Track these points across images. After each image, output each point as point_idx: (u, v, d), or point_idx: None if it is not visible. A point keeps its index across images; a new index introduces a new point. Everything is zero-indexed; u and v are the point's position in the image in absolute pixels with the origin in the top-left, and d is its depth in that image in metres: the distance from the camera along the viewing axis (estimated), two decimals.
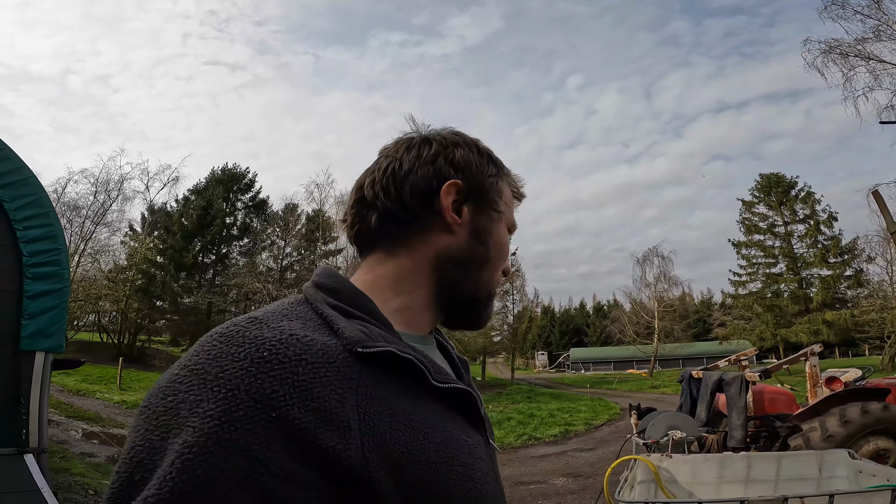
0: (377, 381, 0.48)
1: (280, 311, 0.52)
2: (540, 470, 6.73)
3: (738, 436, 4.81)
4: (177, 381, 0.44)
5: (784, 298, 30.71)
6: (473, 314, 0.66)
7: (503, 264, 0.68)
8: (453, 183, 0.62)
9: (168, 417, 0.41)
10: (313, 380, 0.44)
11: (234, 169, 32.15)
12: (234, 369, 0.43)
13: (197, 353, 0.46)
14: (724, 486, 3.46)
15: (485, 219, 0.65)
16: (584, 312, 62.07)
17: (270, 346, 0.45)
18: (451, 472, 0.49)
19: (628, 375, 30.02)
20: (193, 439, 0.39)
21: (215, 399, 0.41)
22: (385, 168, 0.63)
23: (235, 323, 0.48)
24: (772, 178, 33.13)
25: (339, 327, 0.50)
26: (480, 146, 0.68)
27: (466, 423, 0.56)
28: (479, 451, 0.55)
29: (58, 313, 3.71)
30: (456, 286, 0.63)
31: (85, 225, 23.94)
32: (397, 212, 0.61)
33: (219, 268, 30.13)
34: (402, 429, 0.47)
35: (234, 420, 0.40)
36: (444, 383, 0.54)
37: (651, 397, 16.86)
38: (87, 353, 21.73)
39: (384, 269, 0.62)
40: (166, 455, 0.39)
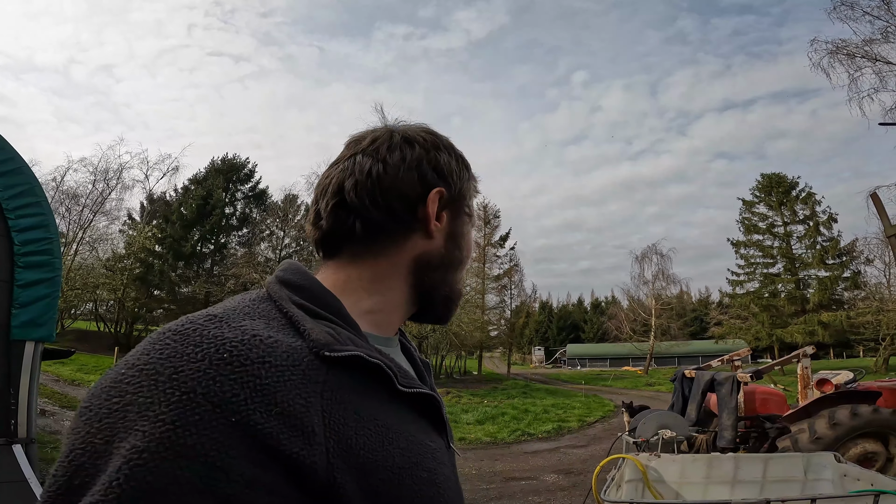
0: (343, 386, 0.47)
1: (241, 309, 0.50)
2: (532, 466, 6.76)
3: (728, 436, 4.84)
4: (123, 380, 0.41)
5: (781, 299, 30.76)
6: (446, 312, 0.68)
7: (469, 262, 0.71)
8: (439, 191, 0.62)
9: (113, 420, 0.39)
10: (277, 383, 0.42)
11: (234, 159, 32.11)
12: (189, 370, 0.41)
13: (147, 352, 0.43)
14: (711, 487, 3.48)
15: (460, 223, 0.66)
16: (581, 308, 62.24)
17: (231, 346, 0.43)
18: (416, 478, 0.49)
19: (624, 372, 30.11)
20: (143, 444, 0.37)
21: (168, 402, 0.39)
22: (369, 171, 0.60)
23: (191, 320, 0.46)
24: (773, 179, 33.07)
25: (306, 328, 0.49)
26: (455, 149, 0.68)
27: (430, 427, 0.56)
28: (441, 455, 0.55)
29: (49, 302, 3.69)
30: (433, 288, 0.64)
31: (83, 213, 23.94)
32: (380, 219, 0.60)
33: (217, 258, 30.14)
34: (368, 434, 0.47)
35: (190, 424, 0.38)
36: (410, 388, 0.53)
37: (646, 395, 16.94)
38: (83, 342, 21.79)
39: (358, 270, 0.61)
40: (112, 460, 0.37)
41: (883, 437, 4.26)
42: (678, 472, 3.57)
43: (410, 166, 0.61)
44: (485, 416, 10.99)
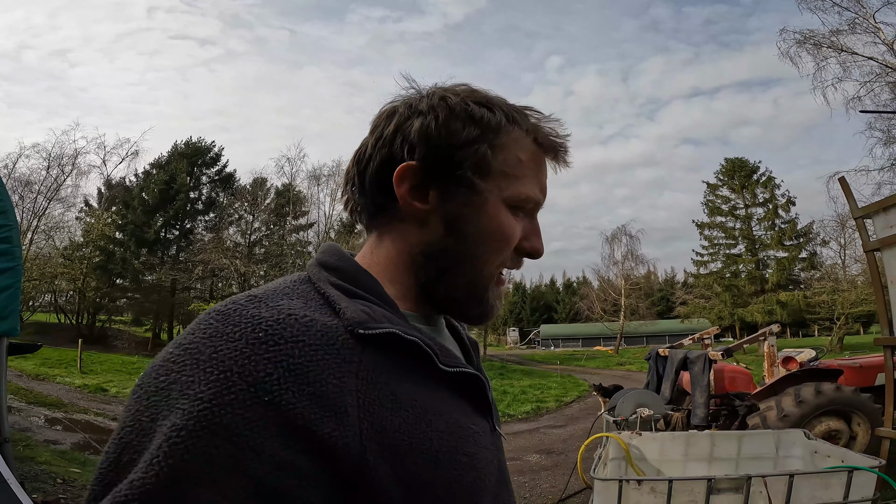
0: (380, 365, 0.46)
1: (281, 290, 0.49)
2: (514, 447, 6.92)
3: (701, 414, 5.05)
4: (171, 359, 0.42)
5: (742, 279, 32.20)
6: (460, 312, 0.59)
7: (498, 254, 0.56)
8: (404, 167, 0.53)
9: (159, 398, 0.40)
10: (310, 363, 0.42)
11: (198, 143, 30.82)
12: (227, 350, 0.41)
13: (193, 332, 0.44)
14: (690, 464, 3.65)
15: (457, 204, 0.54)
16: (554, 289, 63.38)
17: (267, 326, 0.43)
18: (455, 462, 0.47)
19: (596, 352, 31.00)
20: (182, 422, 0.38)
21: (207, 381, 0.39)
22: (356, 153, 0.58)
23: (234, 300, 0.46)
24: (736, 163, 34.29)
25: (341, 307, 0.48)
26: (456, 104, 0.54)
27: (473, 409, 0.54)
28: (484, 439, 0.53)
29: (11, 294, 3.49)
30: (435, 283, 0.56)
31: (38, 201, 22.72)
32: (363, 203, 0.58)
33: (183, 243, 29.12)
34: (404, 416, 0.45)
35: (225, 404, 0.38)
36: (452, 367, 0.51)
37: (617, 374, 17.50)
38: (44, 335, 20.84)
39: (377, 254, 0.59)
40: (155, 437, 0.38)
41: (845, 415, 4.52)
42: (658, 449, 3.72)
43: (385, 143, 0.55)
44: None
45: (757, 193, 33.43)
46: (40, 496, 3.80)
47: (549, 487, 4.93)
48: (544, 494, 4.74)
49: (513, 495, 0.60)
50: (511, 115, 0.56)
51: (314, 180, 27.25)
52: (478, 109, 0.54)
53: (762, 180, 33.48)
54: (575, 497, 4.33)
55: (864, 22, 14.07)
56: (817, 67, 14.78)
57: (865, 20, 14.06)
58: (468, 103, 0.54)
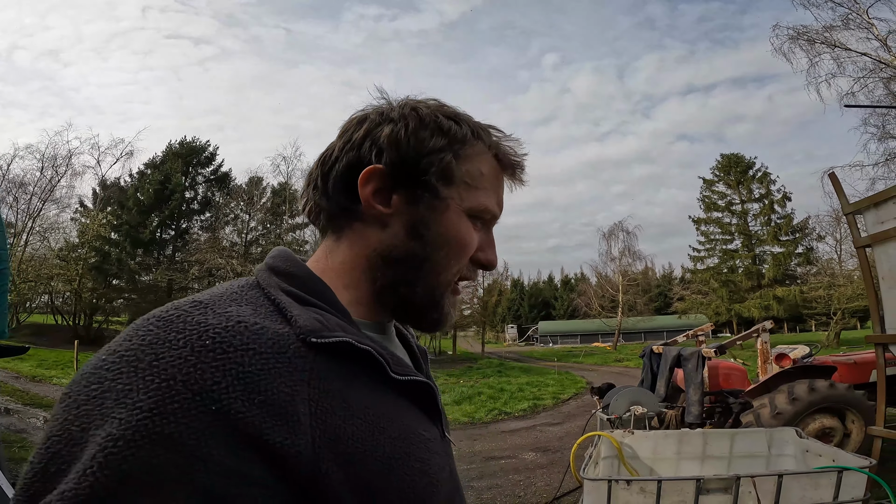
0: (332, 374, 0.45)
1: (228, 295, 0.48)
2: (510, 444, 6.93)
3: (695, 411, 5.05)
4: (104, 367, 0.40)
5: (738, 274, 32.26)
6: (417, 318, 0.59)
7: (458, 260, 0.57)
8: (371, 170, 0.54)
9: (90, 407, 0.38)
10: (261, 371, 0.41)
11: (193, 142, 30.69)
12: (170, 357, 0.39)
13: (129, 338, 0.42)
14: (683, 462, 3.65)
15: (421, 209, 0.56)
16: (552, 286, 63.53)
17: (214, 333, 0.41)
18: (407, 468, 0.48)
19: (594, 349, 31.09)
20: (119, 432, 0.36)
21: (146, 389, 0.38)
22: (321, 155, 0.59)
23: (177, 306, 0.44)
24: (731, 159, 34.34)
25: (293, 315, 0.47)
26: (427, 116, 0.56)
27: (424, 416, 0.54)
28: (436, 445, 0.54)
29: None
30: (392, 287, 0.56)
31: (32, 202, 22.66)
32: (324, 205, 0.58)
33: (179, 243, 29.04)
34: (357, 423, 0.45)
35: (168, 413, 0.37)
36: (404, 376, 0.51)
37: (615, 371, 17.58)
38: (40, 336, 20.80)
39: (333, 258, 0.58)
40: (87, 448, 0.36)
41: (839, 413, 4.51)
42: (651, 448, 3.72)
43: (353, 146, 0.56)
44: (462, 397, 11.17)
45: (753, 189, 33.48)
46: None
47: (544, 486, 4.92)
48: (539, 492, 4.73)
49: (464, 500, 0.61)
50: (476, 130, 0.58)
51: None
52: (445, 121, 0.57)
53: (758, 176, 33.53)
54: (569, 495, 4.32)
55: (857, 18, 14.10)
56: (811, 63, 14.84)
57: (859, 16, 14.09)
58: (437, 115, 0.57)
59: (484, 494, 4.77)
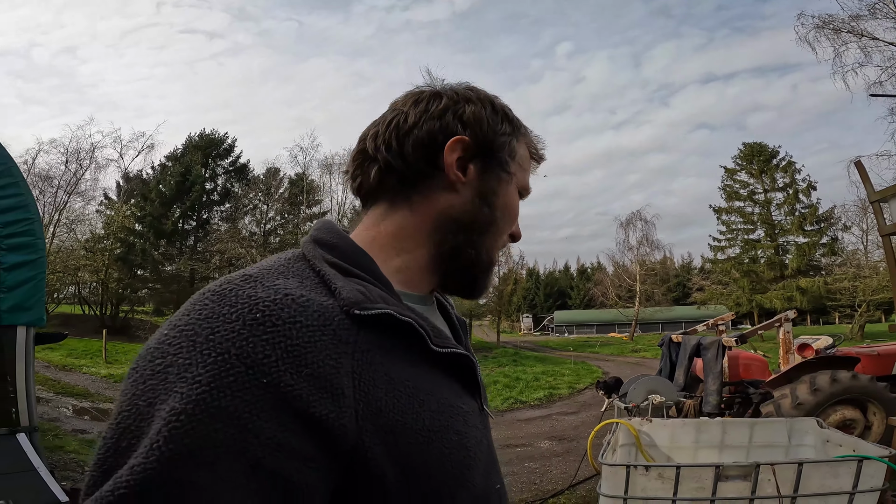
0: (374, 346, 0.47)
1: (276, 268, 0.50)
2: (526, 433, 6.99)
3: (714, 401, 5.01)
4: (166, 342, 0.42)
5: (760, 264, 31.56)
6: (471, 281, 0.63)
7: (510, 228, 0.65)
8: (459, 139, 0.59)
9: (155, 382, 0.40)
10: (307, 344, 0.42)
11: (212, 134, 31.20)
12: (225, 331, 0.41)
13: (188, 313, 0.44)
14: (700, 451, 3.64)
15: (492, 179, 0.62)
16: (568, 275, 62.99)
17: (264, 306, 0.43)
18: (446, 441, 0.49)
19: (610, 339, 30.82)
20: (181, 406, 0.37)
21: (205, 363, 0.39)
22: (389, 121, 0.60)
23: (229, 280, 0.46)
24: (754, 147, 33.46)
25: (337, 287, 0.48)
26: (496, 102, 0.64)
27: (463, 389, 0.55)
28: (473, 418, 0.55)
29: (35, 285, 3.59)
30: (457, 249, 0.60)
31: (58, 195, 23.32)
32: (398, 166, 0.59)
33: (200, 234, 29.63)
34: (398, 396, 0.46)
35: (224, 386, 0.38)
36: (444, 348, 0.52)
37: (631, 361, 17.45)
38: (69, 326, 21.42)
39: (385, 225, 0.60)
40: (153, 422, 0.38)
41: (861, 404, 4.42)
42: (668, 436, 3.72)
43: (433, 116, 0.59)
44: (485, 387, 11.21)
45: (776, 178, 32.61)
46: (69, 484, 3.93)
47: (560, 473, 4.97)
48: (555, 480, 4.78)
49: (500, 473, 0.63)
50: (520, 123, 0.67)
51: (326, 169, 27.37)
52: (510, 111, 0.65)
53: (782, 165, 32.62)
54: (585, 483, 4.36)
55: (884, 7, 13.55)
56: (836, 53, 14.31)
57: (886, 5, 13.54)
58: (504, 104, 0.65)
59: None
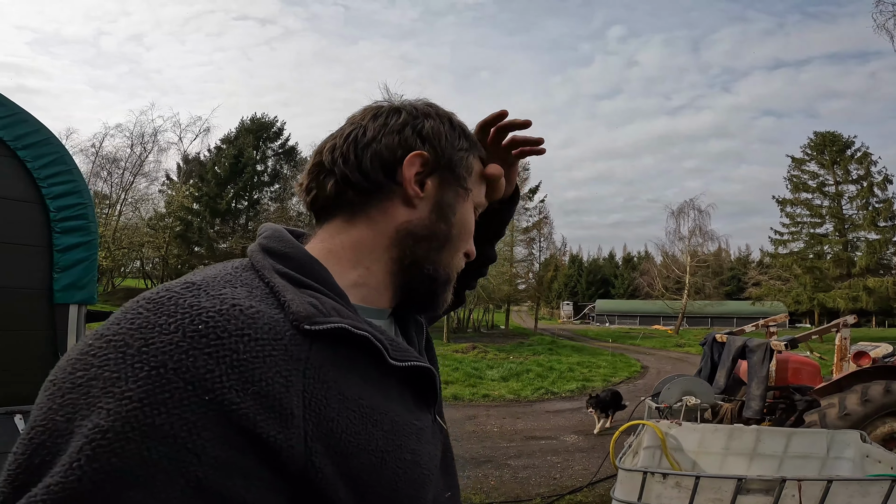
0: (327, 362, 0.45)
1: (222, 277, 0.47)
2: (553, 425, 6.90)
3: (755, 406, 4.76)
4: (90, 353, 0.39)
5: (826, 261, 29.27)
6: (430, 296, 0.62)
7: (465, 246, 0.64)
8: (418, 154, 0.58)
9: (76, 396, 0.37)
10: (255, 359, 0.40)
11: (262, 118, 32.36)
12: (161, 343, 0.38)
13: (118, 322, 0.40)
14: (729, 459, 3.47)
15: (450, 195, 0.61)
16: (612, 263, 61.24)
17: (208, 317, 0.40)
18: (400, 460, 0.48)
19: (654, 331, 29.87)
20: (107, 424, 0.35)
21: (136, 378, 0.36)
22: (348, 135, 0.59)
23: (168, 288, 0.43)
24: (827, 137, 30.80)
25: (287, 299, 0.45)
26: (454, 119, 0.64)
27: (417, 403, 0.54)
28: (427, 434, 0.54)
29: (88, 265, 3.84)
30: (415, 264, 0.59)
31: (124, 176, 25.05)
32: (356, 179, 0.57)
33: (251, 213, 31.01)
34: (351, 416, 0.44)
35: (159, 403, 0.36)
36: (403, 361, 0.51)
37: (674, 356, 16.82)
38: None
39: (342, 238, 0.58)
40: (73, 439, 0.35)
41: None
42: (697, 441, 3.56)
43: (392, 130, 0.59)
44: (509, 373, 11.17)
45: (850, 170, 29.92)
46: None
47: (581, 470, 4.88)
48: (575, 476, 4.70)
49: (455, 481, 0.63)
50: (476, 140, 0.67)
51: None
52: (467, 128, 0.66)
53: (857, 156, 29.88)
54: (606, 482, 4.26)
55: None
56: None
57: None
58: (461, 122, 0.66)
59: (520, 473, 4.81)
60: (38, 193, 3.66)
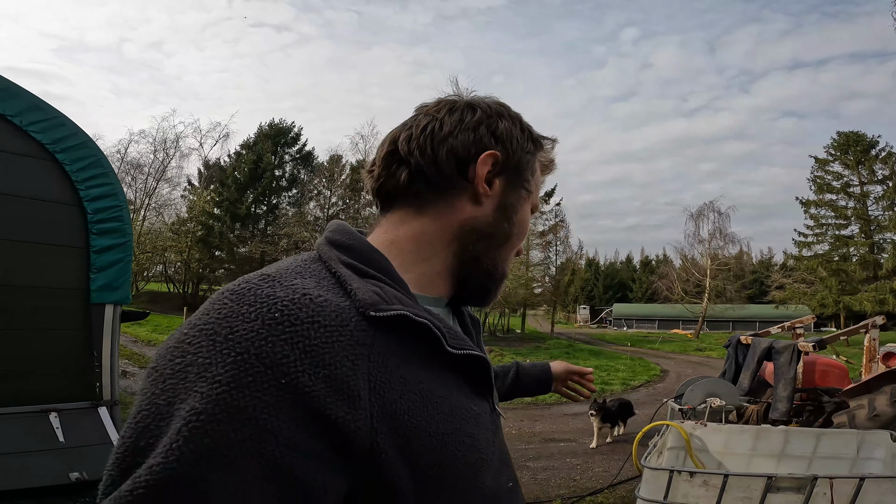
0: (390, 348, 0.47)
1: (293, 269, 0.50)
2: (572, 428, 6.85)
3: (783, 408, 4.67)
4: (186, 341, 0.42)
5: (852, 263, 28.44)
6: (485, 291, 0.65)
7: (520, 243, 0.67)
8: (492, 153, 0.60)
9: (175, 381, 0.40)
10: (325, 344, 0.43)
11: (280, 124, 32.92)
12: (244, 331, 0.41)
13: (207, 312, 0.44)
14: (756, 460, 3.41)
15: (514, 195, 0.64)
16: (630, 267, 60.36)
17: (282, 306, 0.43)
18: (458, 443, 0.49)
19: (673, 335, 29.33)
20: (201, 406, 0.38)
21: (224, 363, 0.39)
22: (424, 126, 0.61)
23: (247, 280, 0.47)
24: (850, 137, 30.03)
25: (353, 288, 0.48)
26: (523, 121, 0.66)
27: (475, 390, 0.56)
28: (485, 419, 0.56)
29: (123, 267, 3.95)
30: (475, 259, 0.62)
31: (148, 181, 25.78)
32: (430, 172, 0.59)
33: (270, 218, 31.48)
34: (412, 399, 0.47)
35: (243, 386, 0.39)
36: (460, 349, 0.53)
37: (694, 360, 16.50)
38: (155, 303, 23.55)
39: (406, 229, 0.60)
40: (173, 421, 0.38)
41: None
42: (723, 442, 3.51)
43: (468, 127, 0.61)
44: None
45: (875, 170, 29.09)
46: None
47: (602, 472, 4.84)
48: (595, 478, 4.66)
49: (514, 472, 0.64)
50: (538, 139, 0.68)
51: None
52: (534, 130, 0.67)
53: (881, 156, 29.04)
54: (627, 483, 4.22)
55: None
56: None
57: None
58: (528, 123, 0.67)
59: (539, 475, 4.78)
60: (76, 196, 3.80)
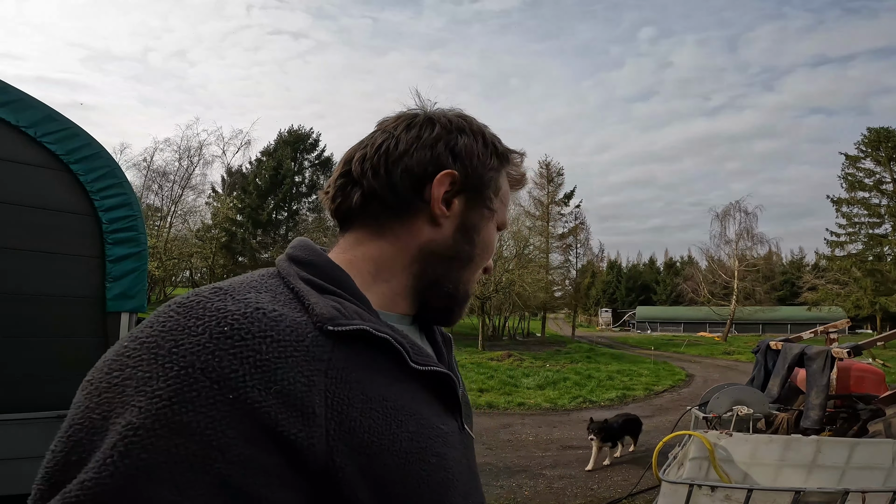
0: (350, 363, 0.45)
1: (249, 283, 0.48)
2: None
3: (815, 416, 4.45)
4: (125, 354, 0.40)
5: (888, 263, 27.23)
6: (447, 312, 0.62)
7: (485, 263, 0.65)
8: (449, 173, 0.57)
9: (111, 395, 0.38)
10: (278, 359, 0.41)
11: (299, 130, 33.52)
12: (189, 344, 0.40)
13: (151, 325, 0.42)
14: (785, 471, 3.24)
15: (476, 215, 0.61)
16: (653, 269, 59.26)
17: (233, 319, 0.41)
18: (424, 463, 0.47)
19: (699, 339, 28.60)
20: (139, 421, 0.36)
21: (166, 377, 0.38)
22: (379, 145, 0.58)
23: (198, 293, 0.45)
24: (881, 133, 28.88)
25: (311, 303, 0.47)
26: (487, 134, 0.62)
27: (443, 408, 0.54)
28: (453, 438, 0.54)
29: (138, 275, 4.03)
30: (435, 282, 0.60)
31: (174, 189, 26.40)
32: (384, 194, 0.57)
33: (290, 224, 32.02)
34: (374, 416, 0.45)
35: (186, 401, 0.37)
36: (424, 366, 0.51)
37: (722, 364, 16.03)
38: None
39: (364, 250, 0.58)
40: (107, 436, 0.37)
41: None
42: (750, 452, 3.35)
43: (424, 144, 0.58)
44: (546, 381, 10.94)
45: None
46: None
47: (622, 480, 4.69)
48: (614, 487, 4.52)
49: (481, 493, 0.61)
50: (505, 153, 0.65)
51: None
52: (499, 144, 0.64)
53: None
54: (646, 493, 4.06)
55: None
56: None
57: None
58: (494, 136, 0.64)
59: (555, 483, 4.67)
60: (90, 206, 3.89)
